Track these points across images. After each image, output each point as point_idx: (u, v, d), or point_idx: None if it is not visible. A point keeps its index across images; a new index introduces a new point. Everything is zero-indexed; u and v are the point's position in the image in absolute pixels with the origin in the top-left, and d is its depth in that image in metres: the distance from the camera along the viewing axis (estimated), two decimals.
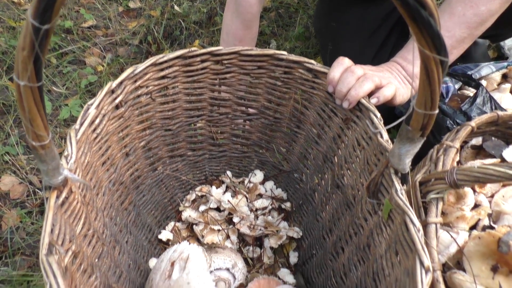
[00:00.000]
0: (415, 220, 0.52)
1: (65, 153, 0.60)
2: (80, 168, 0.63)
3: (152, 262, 0.89)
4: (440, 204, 0.67)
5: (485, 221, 0.73)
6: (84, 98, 1.47)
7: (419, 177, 0.73)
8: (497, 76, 1.04)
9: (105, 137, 0.73)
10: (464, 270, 0.65)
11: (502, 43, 1.43)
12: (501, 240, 0.63)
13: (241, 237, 0.95)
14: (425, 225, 0.64)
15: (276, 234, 0.93)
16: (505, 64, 1.05)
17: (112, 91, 0.72)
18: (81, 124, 0.64)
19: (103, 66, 1.59)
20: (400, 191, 0.56)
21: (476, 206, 0.76)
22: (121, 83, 0.73)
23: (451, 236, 0.67)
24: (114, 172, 0.79)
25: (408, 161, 0.56)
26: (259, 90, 0.89)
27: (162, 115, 0.86)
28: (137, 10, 1.88)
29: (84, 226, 0.62)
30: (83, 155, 0.65)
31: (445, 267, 0.67)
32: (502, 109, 0.93)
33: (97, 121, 0.69)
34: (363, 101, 0.70)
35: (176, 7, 1.79)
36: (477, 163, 0.78)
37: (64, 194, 0.55)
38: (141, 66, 0.75)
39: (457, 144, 0.76)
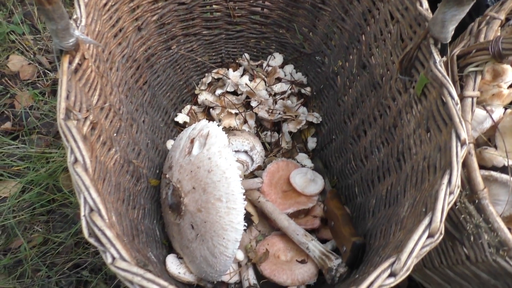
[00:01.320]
0: (453, 92, 0.48)
1: (74, 16, 0.54)
2: (91, 35, 0.58)
3: (170, 143, 0.89)
4: (479, 78, 0.62)
5: None
6: None
7: (457, 50, 0.67)
8: None
9: (114, 5, 0.67)
10: (495, 147, 0.63)
11: None
12: None
13: (259, 121, 0.93)
14: (461, 98, 0.61)
15: (295, 119, 0.90)
16: None
17: None
18: None
19: None
20: (439, 62, 0.51)
21: None
22: None
23: (487, 111, 0.64)
24: (126, 47, 0.74)
25: (451, 29, 0.50)
26: None
27: None
28: None
29: (100, 98, 0.60)
30: (93, 22, 0.60)
31: (475, 143, 0.65)
32: None
33: None
34: None
35: None
36: None
37: (77, 60, 0.52)
38: None
39: (503, 16, 0.68)
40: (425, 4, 0.58)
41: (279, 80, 0.95)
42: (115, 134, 0.65)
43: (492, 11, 0.69)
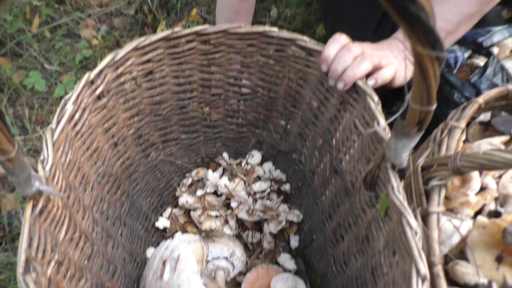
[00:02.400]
0: (412, 222, 0.48)
1: (41, 157, 0.56)
2: (60, 169, 0.60)
3: (150, 251, 0.88)
4: (443, 192, 0.63)
5: (491, 206, 0.69)
6: (79, 74, 1.42)
7: (421, 161, 0.68)
8: (510, 43, 0.95)
9: (88, 131, 0.69)
10: (467, 260, 0.62)
11: None
12: (507, 231, 0.59)
13: (240, 221, 0.93)
14: (426, 214, 0.61)
15: (275, 219, 0.90)
16: None
17: (92, 82, 0.67)
18: (58, 123, 0.60)
19: (97, 39, 1.52)
20: (397, 189, 0.52)
21: (483, 189, 0.71)
22: (100, 72, 0.68)
23: (454, 226, 0.63)
24: (102, 165, 0.76)
25: (405, 156, 0.52)
26: (251, 69, 0.83)
27: (150, 100, 0.82)
28: None
29: (69, 230, 0.60)
30: (63, 155, 0.61)
31: (447, 258, 0.64)
32: None
33: (77, 116, 0.65)
34: (360, 83, 0.65)
35: None
36: (484, 144, 0.72)
37: (41, 203, 0.52)
38: (121, 52, 0.70)
39: (462, 124, 0.70)
40: (382, 123, 0.60)
41: (258, 178, 0.96)
42: (86, 262, 0.64)
43: (453, 120, 0.71)
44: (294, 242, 0.92)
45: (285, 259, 0.87)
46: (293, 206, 0.95)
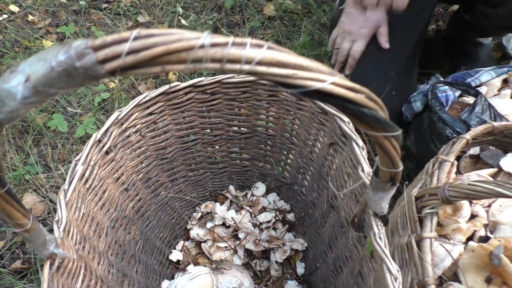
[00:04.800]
0: (392, 268, 0.52)
1: (56, 218, 0.63)
2: (74, 224, 0.66)
3: (165, 284, 0.94)
4: (435, 219, 0.67)
5: (482, 232, 0.72)
6: (98, 114, 1.51)
7: (415, 192, 0.72)
8: (498, 82, 0.99)
9: (99, 184, 0.76)
10: (460, 282, 0.66)
11: (505, 43, 1.36)
12: (492, 254, 0.63)
13: (249, 250, 0.98)
14: (420, 240, 0.65)
15: (281, 248, 0.95)
16: (505, 69, 1.00)
17: (99, 141, 0.74)
18: (70, 183, 0.67)
19: (115, 82, 1.61)
20: (378, 235, 0.56)
21: (473, 216, 0.74)
22: (106, 130, 0.75)
23: (446, 250, 0.67)
24: (114, 211, 0.82)
25: (384, 205, 0.56)
26: (248, 111, 0.88)
27: (156, 147, 0.88)
28: (146, 24, 1.86)
29: (85, 278, 0.67)
30: (76, 211, 0.68)
31: (442, 279, 0.68)
32: (501, 116, 0.88)
33: (87, 173, 0.71)
34: (346, 128, 0.69)
35: (183, 21, 1.77)
36: (473, 175, 0.75)
37: (57, 262, 0.59)
38: (125, 110, 0.76)
39: (452, 158, 0.74)
40: (366, 169, 0.64)
41: (264, 209, 1.01)
42: None
43: (443, 154, 0.74)
44: (300, 269, 0.96)
45: (292, 286, 0.91)
46: (298, 234, 1.00)
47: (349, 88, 0.32)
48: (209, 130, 0.92)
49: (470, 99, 1.03)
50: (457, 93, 1.05)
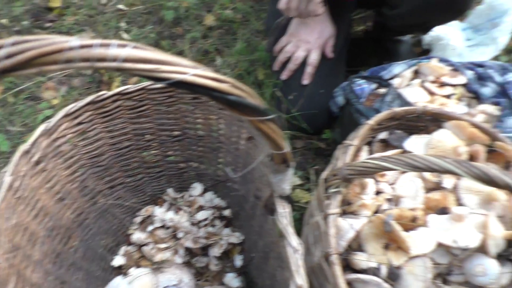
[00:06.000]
0: (293, 242, 0.59)
1: None
2: (3, 234, 0.69)
3: None
4: (339, 197, 0.74)
5: (385, 206, 0.80)
6: None
7: (323, 174, 0.80)
8: (409, 73, 1.10)
9: (30, 194, 0.79)
10: (363, 250, 0.74)
11: (422, 37, 1.49)
12: (384, 221, 0.71)
13: (189, 249, 1.03)
14: (326, 216, 0.72)
15: (218, 242, 1.00)
16: (415, 61, 1.11)
17: (27, 152, 0.76)
18: None
19: (57, 99, 1.61)
20: (281, 214, 0.62)
21: (379, 193, 0.83)
22: (35, 141, 0.77)
23: (348, 224, 0.75)
24: (50, 220, 0.85)
25: (285, 186, 0.62)
26: (176, 115, 0.93)
27: (89, 155, 0.91)
28: None
29: (17, 286, 0.69)
30: (6, 221, 0.70)
31: (349, 251, 0.75)
32: (409, 103, 0.98)
33: (17, 184, 0.74)
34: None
35: (125, 35, 1.80)
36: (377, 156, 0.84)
37: None
38: (53, 121, 0.80)
39: (356, 142, 0.82)
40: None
41: (201, 208, 1.06)
42: None
43: (349, 139, 0.83)
44: (238, 261, 1.01)
45: (230, 279, 0.97)
46: (235, 229, 1.05)
47: (213, 79, 0.39)
48: (141, 136, 0.96)
49: (384, 90, 1.13)
50: (374, 85, 1.15)
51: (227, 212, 1.06)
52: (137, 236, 1.05)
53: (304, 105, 1.22)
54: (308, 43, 1.22)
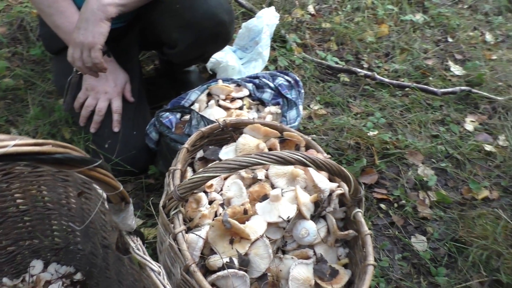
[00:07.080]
0: (153, 266, 0.65)
1: None
2: None
3: None
4: (181, 216, 0.83)
5: (220, 210, 0.92)
6: None
7: (161, 202, 0.87)
8: (204, 97, 1.27)
9: None
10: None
11: (206, 64, 1.70)
12: (223, 221, 0.82)
13: None
14: (175, 236, 0.79)
15: None
16: (205, 86, 1.29)
17: None
18: None
19: None
20: (136, 247, 0.68)
21: (212, 202, 0.95)
22: None
23: (196, 234, 0.84)
24: None
25: (130, 222, 0.68)
26: None
27: None
28: None
29: None
30: None
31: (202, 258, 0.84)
32: (212, 121, 1.14)
33: None
34: (95, 185, 0.79)
35: None
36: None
37: None
38: None
39: (179, 166, 0.92)
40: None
41: (49, 282, 1.01)
42: None
43: (172, 165, 0.92)
44: None
45: None
46: None
47: (34, 144, 0.43)
48: None
49: (188, 117, 1.27)
50: (178, 115, 1.29)
51: (78, 276, 1.03)
52: None
53: (122, 149, 1.26)
54: (106, 93, 1.27)
